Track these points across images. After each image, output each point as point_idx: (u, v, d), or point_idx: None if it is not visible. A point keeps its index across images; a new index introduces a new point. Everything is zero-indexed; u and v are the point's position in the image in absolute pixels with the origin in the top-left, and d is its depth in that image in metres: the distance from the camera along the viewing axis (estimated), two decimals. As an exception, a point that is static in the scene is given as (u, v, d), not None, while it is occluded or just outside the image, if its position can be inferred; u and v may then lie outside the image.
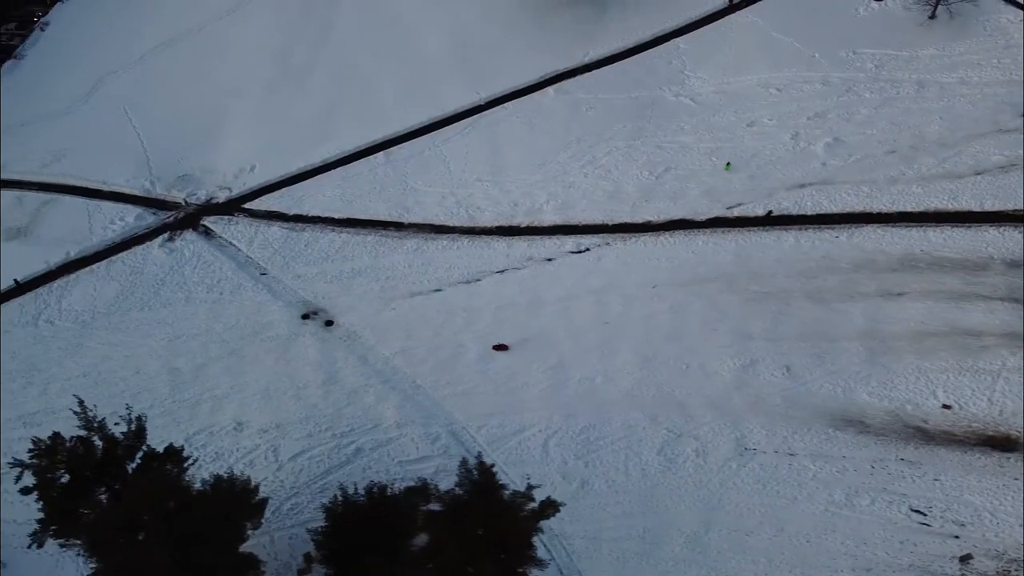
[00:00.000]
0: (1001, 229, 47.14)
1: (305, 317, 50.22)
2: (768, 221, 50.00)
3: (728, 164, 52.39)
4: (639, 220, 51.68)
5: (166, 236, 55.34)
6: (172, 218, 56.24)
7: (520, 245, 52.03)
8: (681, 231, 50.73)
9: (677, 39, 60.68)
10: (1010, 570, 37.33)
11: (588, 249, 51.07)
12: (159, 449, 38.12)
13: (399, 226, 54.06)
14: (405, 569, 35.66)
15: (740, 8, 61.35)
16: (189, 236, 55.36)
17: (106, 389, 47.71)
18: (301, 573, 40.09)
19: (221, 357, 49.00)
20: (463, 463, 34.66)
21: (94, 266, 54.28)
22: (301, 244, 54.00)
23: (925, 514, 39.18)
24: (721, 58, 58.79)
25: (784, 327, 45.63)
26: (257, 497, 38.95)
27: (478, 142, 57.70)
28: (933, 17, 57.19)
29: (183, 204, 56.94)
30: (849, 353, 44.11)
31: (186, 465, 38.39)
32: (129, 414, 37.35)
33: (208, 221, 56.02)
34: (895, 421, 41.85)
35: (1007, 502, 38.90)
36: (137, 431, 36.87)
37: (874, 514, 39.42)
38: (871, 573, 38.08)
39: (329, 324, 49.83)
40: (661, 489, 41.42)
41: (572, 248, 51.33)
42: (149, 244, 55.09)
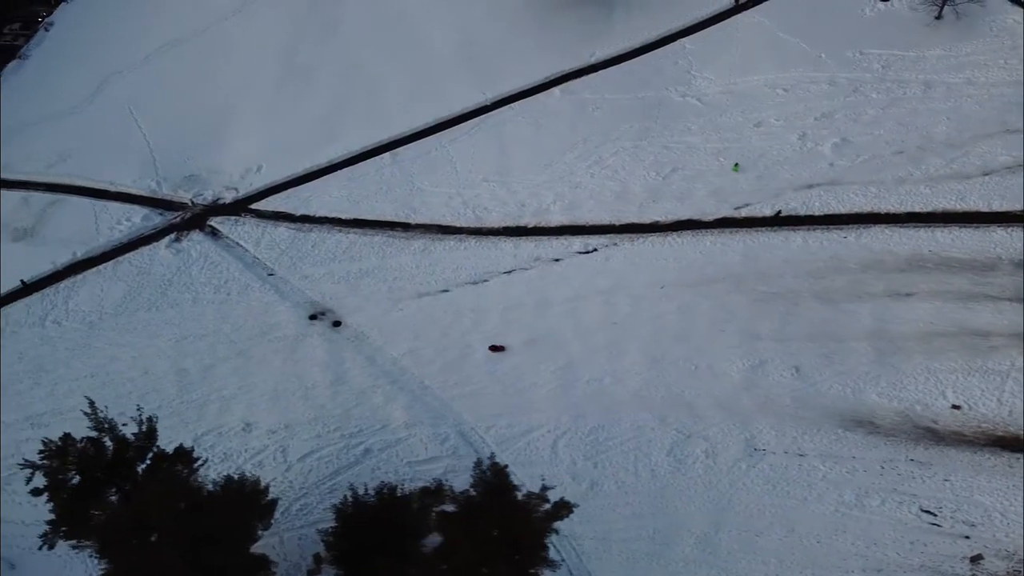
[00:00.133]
0: (1009, 229, 47.16)
1: (313, 318, 50.17)
2: (777, 221, 49.99)
3: (736, 165, 52.36)
4: (646, 220, 51.65)
5: (173, 237, 55.29)
6: (179, 219, 56.20)
7: (527, 246, 52.00)
8: (689, 231, 50.71)
9: (683, 39, 60.71)
10: (1020, 570, 37.29)
11: (595, 249, 51.04)
12: (169, 450, 38.12)
13: (406, 227, 54.04)
14: (415, 569, 35.65)
15: (746, 8, 61.35)
16: (196, 237, 55.32)
17: (114, 390, 47.62)
18: (311, 574, 39.95)
19: (229, 358, 48.94)
20: (477, 464, 34.62)
21: (101, 267, 54.22)
22: (308, 245, 53.97)
23: (935, 514, 39.18)
24: (727, 58, 58.79)
25: (793, 327, 45.63)
26: (267, 498, 38.92)
27: (484, 142, 57.68)
28: (939, 18, 57.21)
29: (190, 204, 56.89)
30: (858, 353, 44.12)
31: (196, 466, 38.41)
32: (140, 415, 37.33)
33: (215, 221, 55.98)
34: (905, 422, 41.86)
35: (1017, 502, 38.85)
36: (148, 432, 36.83)
37: (884, 515, 39.42)
38: (882, 574, 38.05)
39: (337, 325, 49.78)
40: (671, 490, 41.39)
41: (579, 248, 51.31)
42: (156, 245, 55.05)
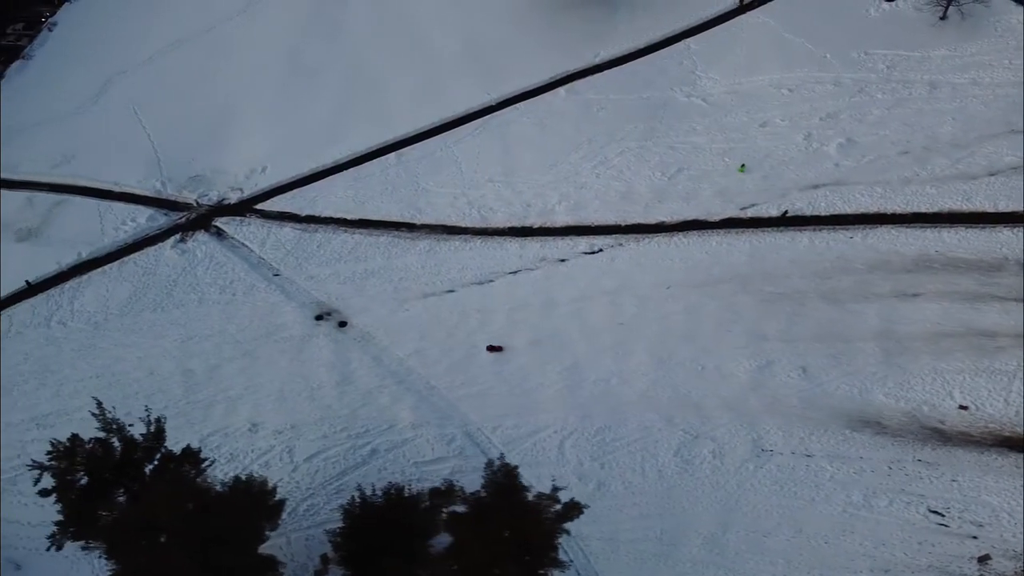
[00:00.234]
0: (1015, 230, 47.17)
1: (319, 318, 50.13)
2: (783, 222, 49.97)
3: (743, 166, 52.32)
4: (652, 221, 51.63)
5: (178, 237, 55.20)
6: (184, 219, 56.10)
7: (533, 246, 51.96)
8: (695, 232, 50.69)
9: (688, 39, 60.76)
10: (1028, 571, 37.41)
11: (601, 250, 51.02)
12: (176, 451, 38.11)
13: (411, 227, 53.98)
14: (423, 570, 35.63)
15: (751, 8, 61.39)
16: (201, 237, 55.23)
17: (119, 390, 47.56)
18: (318, 574, 39.93)
19: (235, 358, 48.87)
20: (488, 464, 34.59)
21: (106, 267, 54.08)
22: (314, 245, 53.90)
23: (943, 515, 39.18)
24: (732, 59, 58.80)
25: (799, 328, 45.62)
26: (274, 499, 38.86)
27: (489, 143, 57.63)
28: (944, 18, 57.22)
29: (195, 205, 56.83)
30: (865, 354, 44.12)
31: (203, 467, 38.39)
32: (148, 415, 37.30)
33: (220, 222, 55.88)
34: (912, 422, 41.86)
35: (1025, 503, 38.96)
36: (156, 432, 36.82)
37: (892, 515, 39.44)
38: (890, 574, 38.07)
39: (343, 325, 49.75)
40: (678, 490, 41.40)
41: (585, 249, 51.28)
42: (161, 245, 54.93)
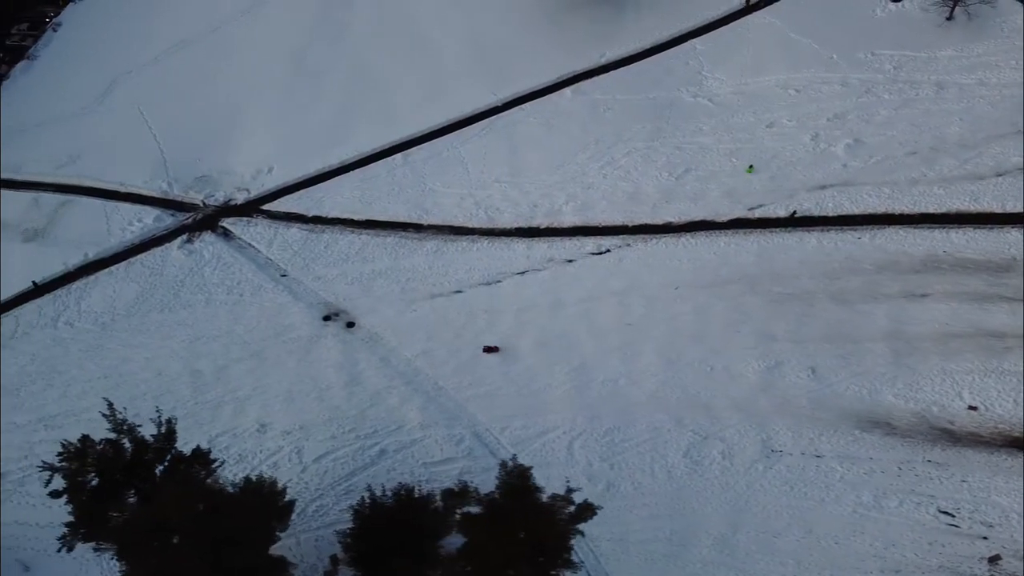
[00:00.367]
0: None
1: (326, 319, 50.10)
2: (791, 222, 49.96)
3: (751, 167, 52.30)
4: (660, 221, 51.62)
5: (185, 238, 55.15)
6: (191, 219, 56.05)
7: (540, 246, 51.94)
8: (702, 232, 50.69)
9: (694, 40, 60.61)
10: (1039, 571, 37.43)
11: (609, 250, 51.01)
12: (184, 451, 38.07)
13: (418, 227, 53.96)
14: (433, 571, 35.62)
15: (757, 9, 61.32)
16: (208, 238, 55.18)
17: (127, 391, 47.54)
18: (328, 575, 39.95)
19: (243, 359, 48.85)
20: (502, 465, 34.58)
21: (113, 268, 54.04)
22: (321, 245, 53.86)
23: (953, 515, 39.22)
24: (739, 59, 58.72)
25: (808, 328, 45.64)
26: (284, 499, 38.84)
27: (496, 143, 57.57)
28: (951, 18, 57.21)
29: (201, 205, 56.78)
30: (874, 354, 44.15)
31: (213, 467, 38.36)
32: (159, 416, 37.27)
33: (227, 222, 55.83)
34: (921, 423, 41.89)
35: (1035, 503, 39.01)
36: (167, 433, 36.78)
37: (902, 515, 39.50)
38: (900, 574, 38.14)
39: (351, 325, 49.72)
40: (688, 491, 41.43)
41: (592, 249, 51.26)
42: (168, 246, 54.89)
